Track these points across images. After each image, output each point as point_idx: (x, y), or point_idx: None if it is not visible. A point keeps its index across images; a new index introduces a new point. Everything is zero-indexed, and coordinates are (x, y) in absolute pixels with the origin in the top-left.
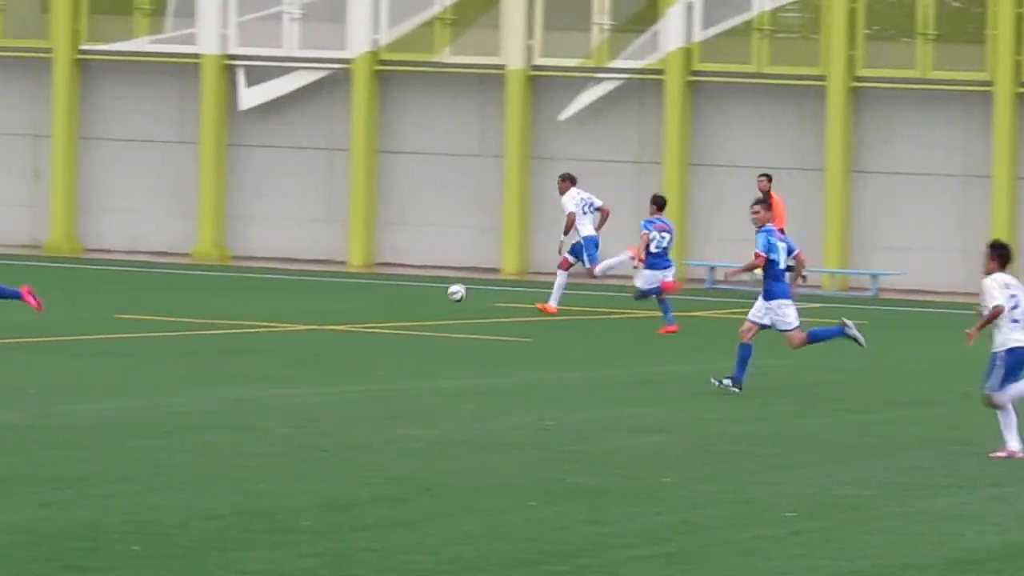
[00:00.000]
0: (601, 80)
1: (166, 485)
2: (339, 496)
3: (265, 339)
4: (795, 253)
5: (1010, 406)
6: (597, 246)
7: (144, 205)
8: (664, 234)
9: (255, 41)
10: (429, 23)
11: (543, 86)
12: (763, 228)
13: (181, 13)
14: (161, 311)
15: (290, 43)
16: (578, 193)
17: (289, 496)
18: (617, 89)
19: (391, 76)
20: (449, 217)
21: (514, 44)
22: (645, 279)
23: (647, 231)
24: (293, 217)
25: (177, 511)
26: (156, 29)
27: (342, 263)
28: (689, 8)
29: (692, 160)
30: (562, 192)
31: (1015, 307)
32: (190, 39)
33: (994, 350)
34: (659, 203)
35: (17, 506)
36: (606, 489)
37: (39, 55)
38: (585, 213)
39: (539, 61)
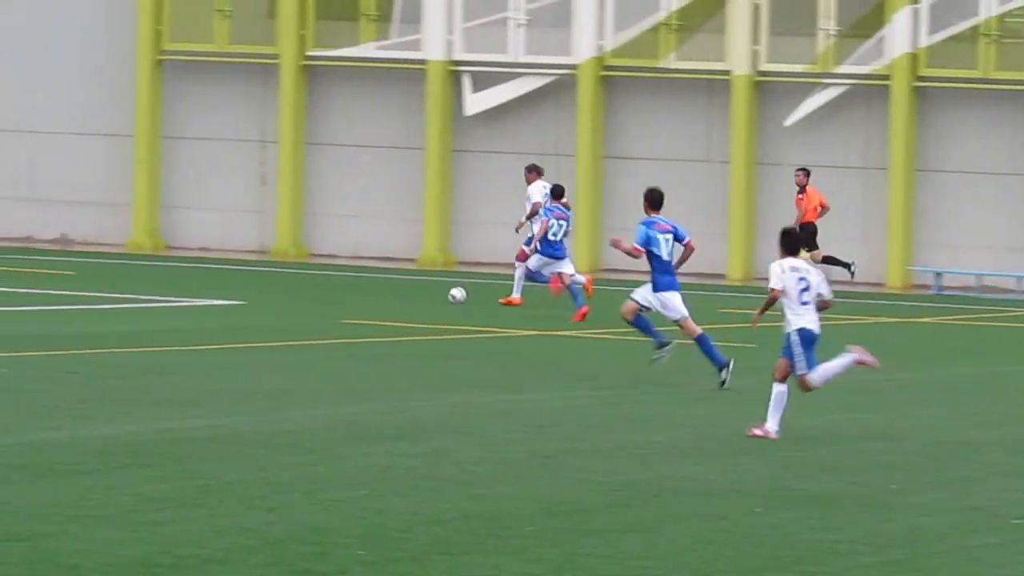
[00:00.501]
0: (827, 86)
1: (392, 490)
2: (564, 501)
3: (490, 344)
4: (685, 241)
5: (784, 389)
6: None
7: (369, 210)
8: (561, 222)
9: (480, 47)
10: (654, 29)
11: (768, 91)
12: (644, 220)
13: (407, 19)
14: (386, 316)
15: (515, 49)
16: (544, 186)
17: (514, 501)
18: (843, 95)
19: (616, 82)
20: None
21: (740, 50)
22: (536, 262)
23: (546, 218)
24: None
25: (403, 516)
26: (382, 35)
27: None
28: (915, 13)
29: (918, 166)
30: (529, 183)
31: (804, 290)
32: (416, 45)
33: (786, 331)
34: (557, 192)
35: (245, 510)
36: (833, 496)
37: (266, 61)
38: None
39: (765, 67)
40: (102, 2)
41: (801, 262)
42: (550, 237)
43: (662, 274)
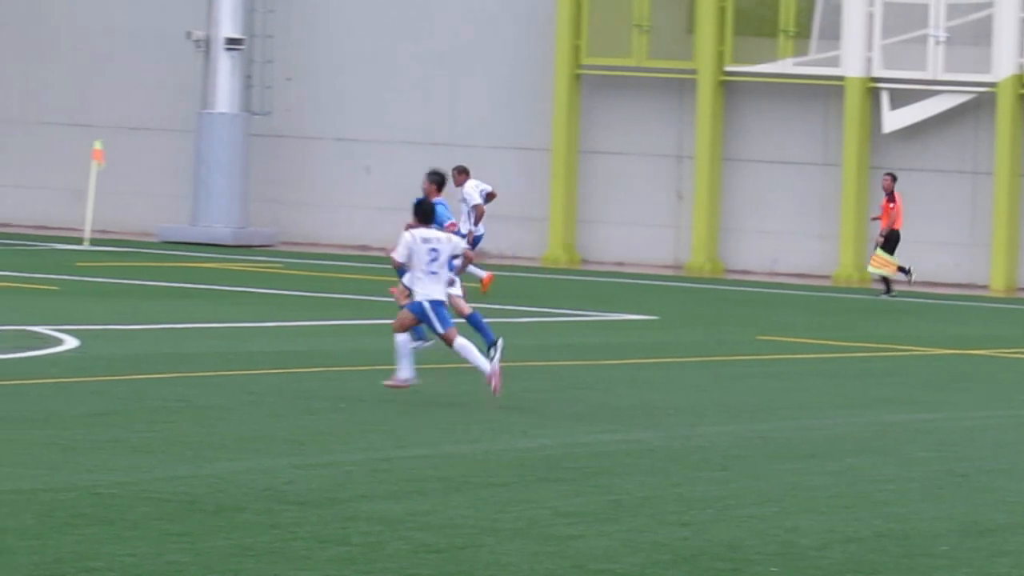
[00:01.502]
0: None
1: (805, 507)
2: (978, 521)
3: (906, 362)
4: (446, 225)
5: (406, 338)
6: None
7: (784, 227)
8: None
9: (899, 64)
10: None
11: None
12: (436, 200)
13: (826, 35)
14: (802, 333)
15: (934, 66)
16: (477, 185)
17: (927, 520)
18: None
19: None
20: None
21: None
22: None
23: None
24: (935, 240)
25: (816, 533)
26: (800, 51)
27: (984, 287)
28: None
29: None
30: (459, 185)
31: (433, 260)
32: (834, 61)
33: (417, 299)
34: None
35: (659, 526)
36: None
37: (683, 76)
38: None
39: None
40: (523, 19)
41: (433, 232)
42: None
43: None
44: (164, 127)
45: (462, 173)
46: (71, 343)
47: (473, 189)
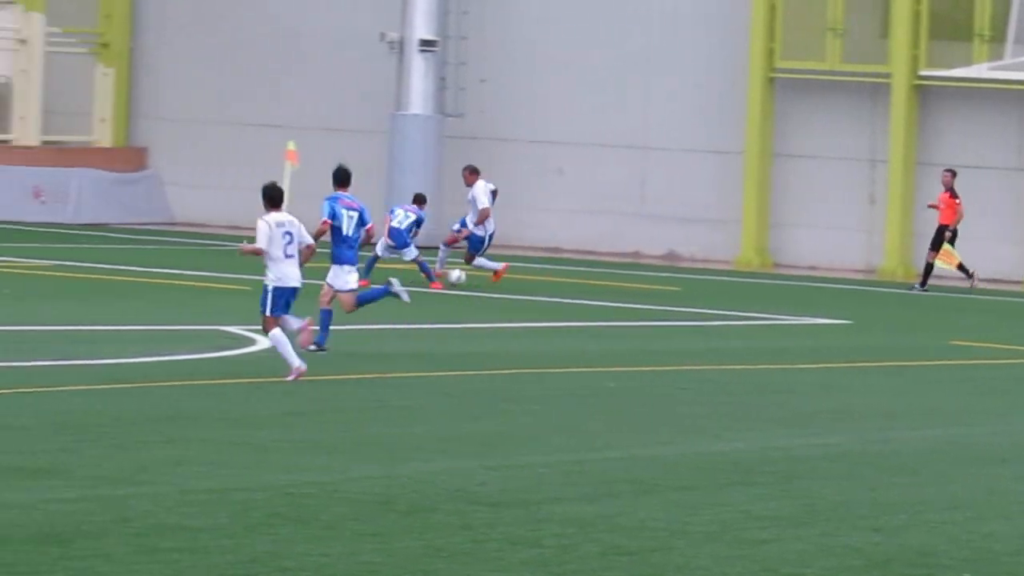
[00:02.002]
0: None
1: (999, 512)
2: None
3: None
4: (368, 226)
5: (279, 332)
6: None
7: (980, 231)
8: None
9: None
10: None
11: None
12: (330, 196)
13: (1021, 40)
14: (996, 338)
15: None
16: (486, 185)
17: None
18: None
19: None
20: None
21: None
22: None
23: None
24: None
25: (1011, 539)
26: (995, 55)
27: None
28: None
29: None
30: (470, 184)
31: (288, 243)
32: None
33: (268, 284)
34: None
35: (852, 531)
36: None
37: (876, 80)
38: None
39: None
40: (717, 22)
41: (286, 216)
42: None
43: (344, 249)
44: (357, 128)
45: (473, 173)
46: (265, 344)
47: (482, 190)
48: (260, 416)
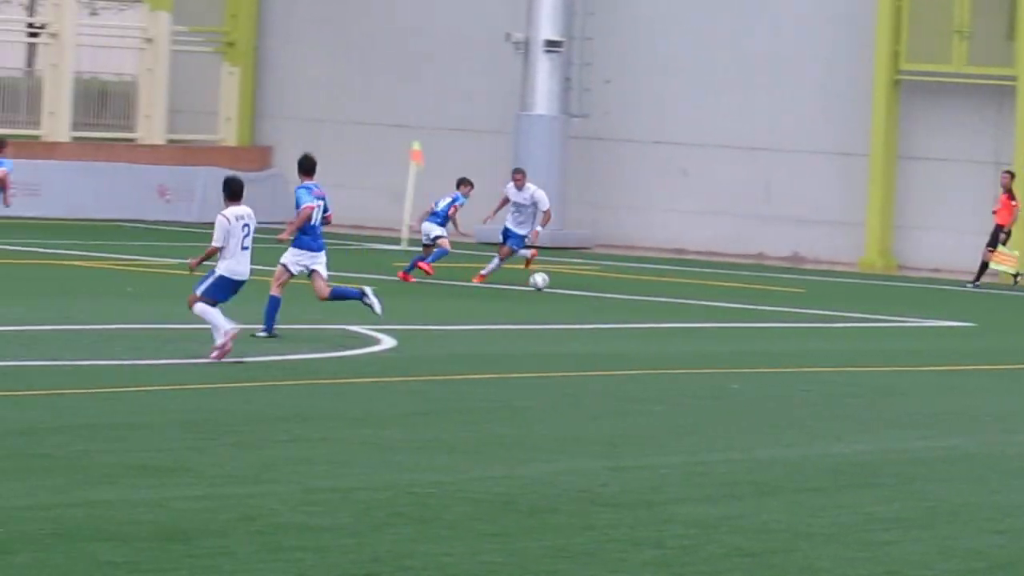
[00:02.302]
0: None
1: None
2: None
3: None
4: (328, 215)
5: (206, 309)
6: None
7: None
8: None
9: None
10: None
11: None
12: (303, 185)
13: None
14: None
15: None
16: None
17: None
18: None
19: None
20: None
21: None
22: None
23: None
24: None
25: None
26: None
27: None
28: None
29: None
30: (520, 187)
31: (246, 236)
32: None
33: (218, 271)
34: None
35: (974, 533)
36: None
37: (1003, 83)
38: None
39: None
40: (843, 24)
41: (246, 209)
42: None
43: (313, 238)
44: (482, 128)
45: (521, 174)
46: (388, 343)
47: (544, 193)
48: (383, 416)
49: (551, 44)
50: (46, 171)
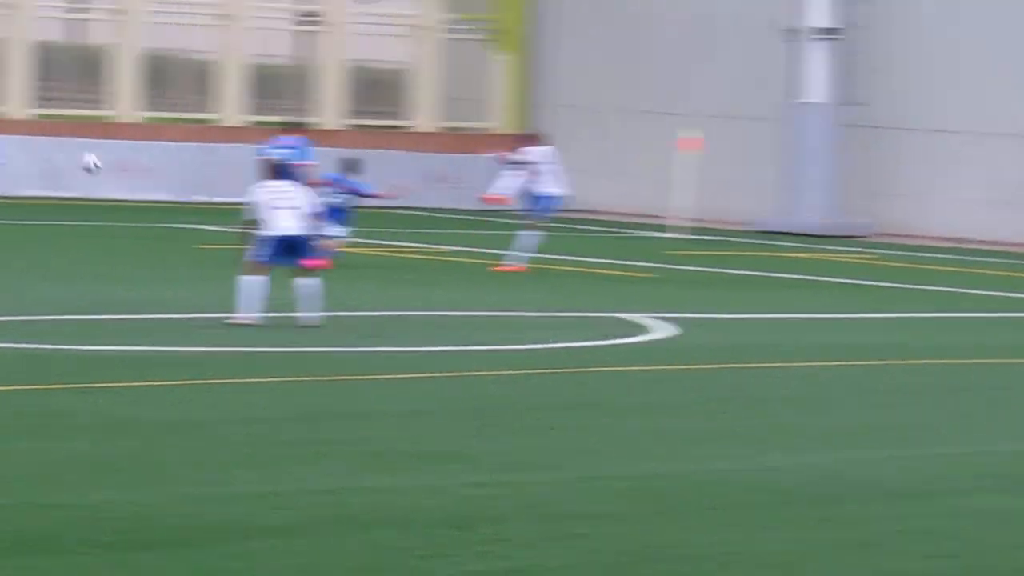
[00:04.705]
0: None
1: None
2: None
3: None
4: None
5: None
6: None
7: None
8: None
9: None
10: None
11: None
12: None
13: None
14: None
15: None
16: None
17: None
18: None
19: None
20: None
21: None
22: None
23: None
24: None
25: None
26: None
27: None
28: None
29: None
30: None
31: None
32: None
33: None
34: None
35: None
36: None
37: None
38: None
39: None
40: None
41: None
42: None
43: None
44: (755, 116)
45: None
46: (666, 331)
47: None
48: (666, 403)
49: (828, 32)
50: (321, 159)
